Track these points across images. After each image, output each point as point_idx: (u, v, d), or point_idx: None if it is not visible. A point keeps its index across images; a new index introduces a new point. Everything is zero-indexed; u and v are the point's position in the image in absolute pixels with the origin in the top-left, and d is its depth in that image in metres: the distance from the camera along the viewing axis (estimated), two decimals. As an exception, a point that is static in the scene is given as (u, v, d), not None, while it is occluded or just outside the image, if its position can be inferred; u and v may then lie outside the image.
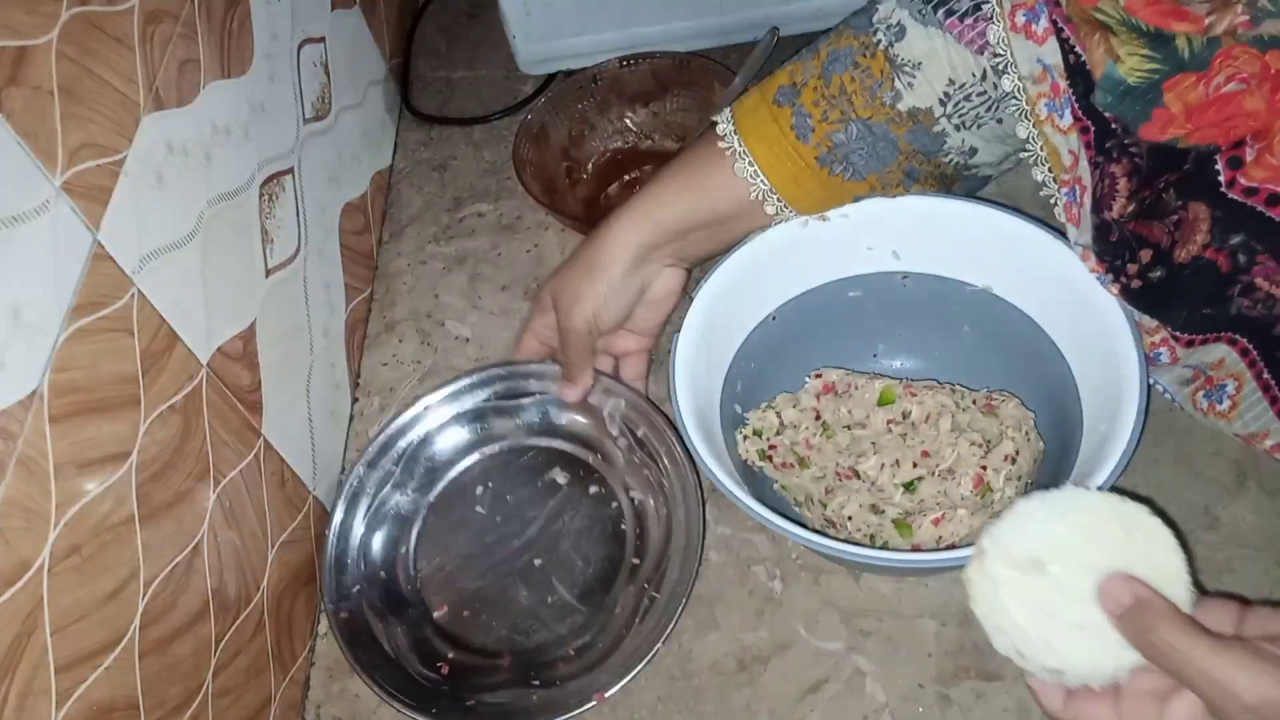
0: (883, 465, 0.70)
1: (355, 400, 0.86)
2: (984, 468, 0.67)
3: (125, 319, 0.54)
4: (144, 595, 0.54)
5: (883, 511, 0.68)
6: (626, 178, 0.97)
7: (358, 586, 0.74)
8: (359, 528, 0.76)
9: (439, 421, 0.79)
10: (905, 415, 0.71)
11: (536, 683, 0.69)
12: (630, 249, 0.69)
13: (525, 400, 0.79)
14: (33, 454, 0.46)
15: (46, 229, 0.48)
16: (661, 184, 0.70)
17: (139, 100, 0.57)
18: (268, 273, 0.72)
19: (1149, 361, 0.61)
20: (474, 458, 0.79)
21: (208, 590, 0.60)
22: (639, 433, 0.74)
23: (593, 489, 0.75)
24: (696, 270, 0.89)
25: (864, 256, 0.73)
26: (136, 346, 0.55)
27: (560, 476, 0.76)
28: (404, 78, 1.09)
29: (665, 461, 0.73)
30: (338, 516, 0.75)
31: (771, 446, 0.72)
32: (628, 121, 0.99)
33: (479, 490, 0.78)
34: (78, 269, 0.50)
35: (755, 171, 0.67)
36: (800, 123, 0.66)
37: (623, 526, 0.73)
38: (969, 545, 0.57)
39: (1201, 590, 0.47)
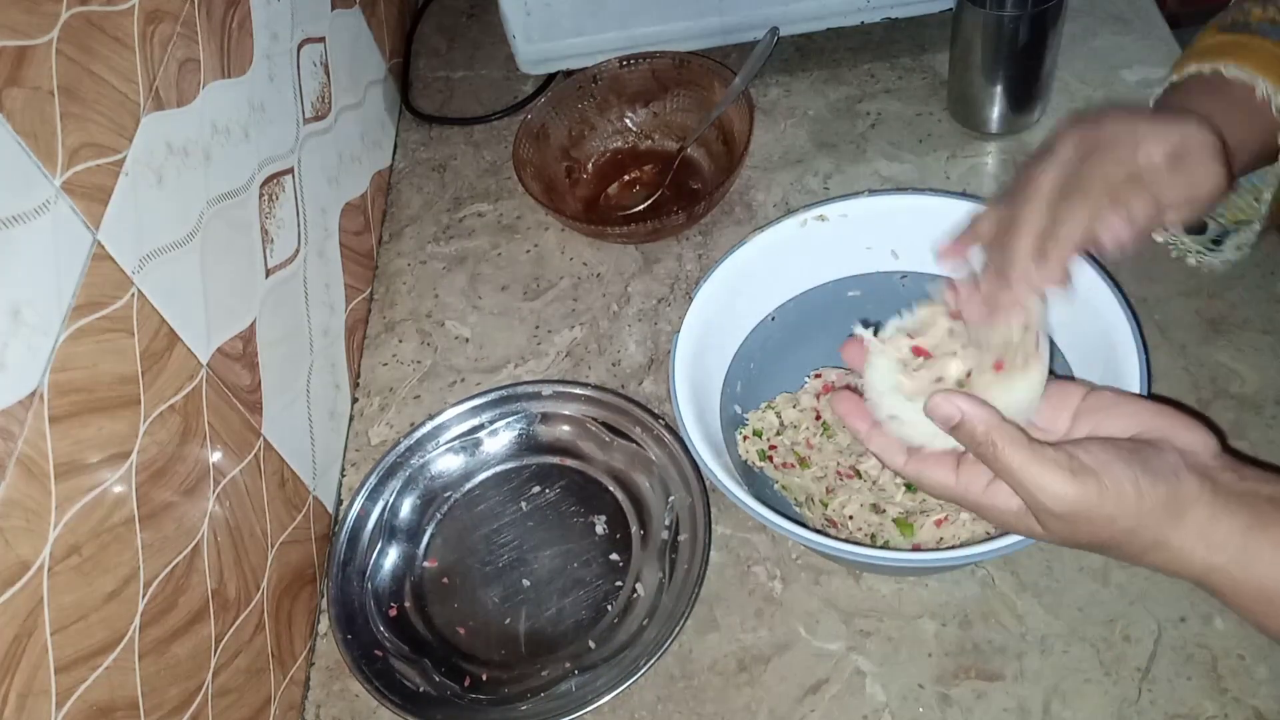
0: (884, 465, 0.70)
1: (355, 400, 0.86)
2: None
3: (125, 319, 0.54)
4: (144, 595, 0.54)
5: (884, 511, 0.68)
6: (626, 178, 0.97)
7: (363, 578, 0.75)
8: (386, 497, 0.78)
9: (549, 409, 0.80)
10: (905, 415, 0.71)
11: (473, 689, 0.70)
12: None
13: (624, 442, 0.78)
14: (33, 454, 0.46)
15: (46, 229, 0.48)
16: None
17: (139, 100, 0.57)
18: (268, 273, 0.72)
19: None
20: (553, 459, 0.79)
21: (208, 590, 0.60)
22: (681, 536, 0.73)
23: (614, 556, 0.74)
24: (696, 270, 0.89)
25: (863, 256, 0.73)
26: (136, 346, 0.55)
27: (600, 528, 0.75)
28: (404, 78, 1.09)
29: (678, 575, 0.71)
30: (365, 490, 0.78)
31: (772, 447, 0.72)
32: (628, 121, 0.99)
33: (535, 488, 0.78)
34: (78, 269, 0.50)
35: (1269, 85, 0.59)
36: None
37: (608, 608, 0.72)
38: (970, 546, 0.57)
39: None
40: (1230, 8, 0.66)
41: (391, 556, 0.76)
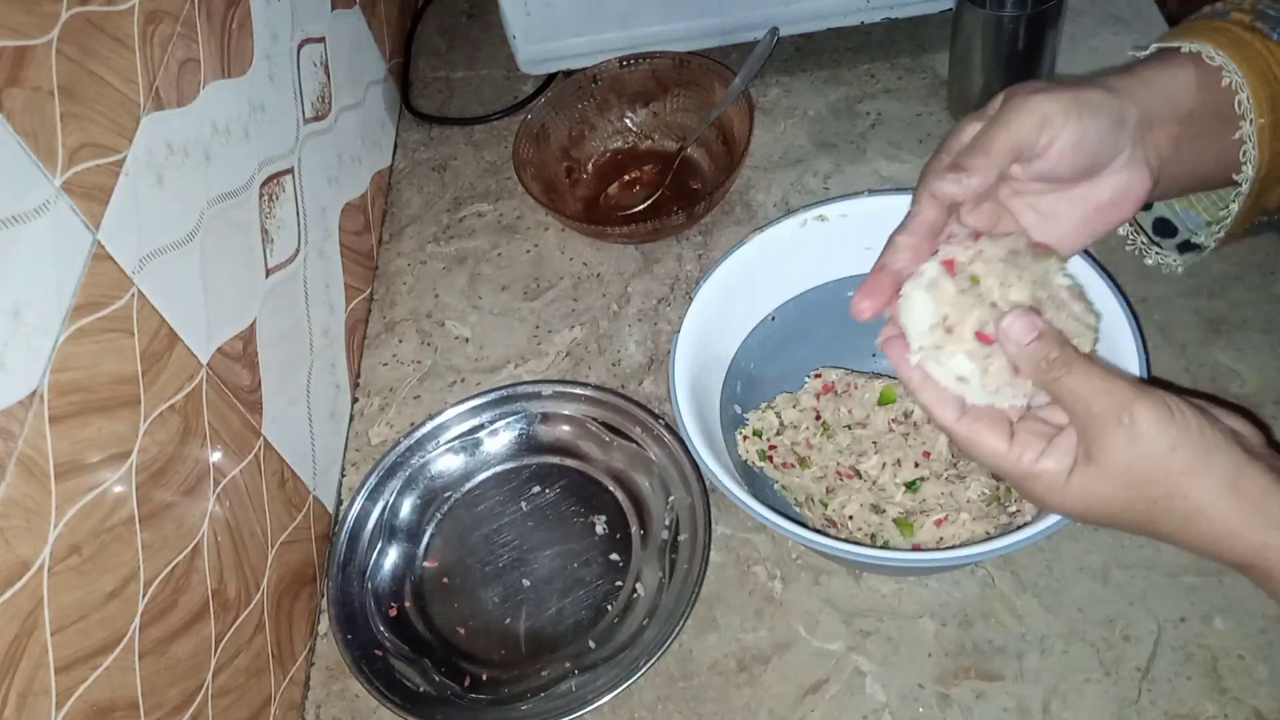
0: (884, 465, 0.70)
1: (355, 400, 0.86)
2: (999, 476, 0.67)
3: (125, 319, 0.54)
4: (144, 595, 0.54)
5: (884, 511, 0.68)
6: (626, 178, 0.97)
7: (362, 579, 0.75)
8: (386, 497, 0.78)
9: (549, 409, 0.80)
10: (907, 415, 0.71)
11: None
12: (1122, 105, 0.53)
13: (624, 442, 0.78)
14: (33, 454, 0.46)
15: (46, 229, 0.48)
16: (1109, 75, 0.55)
17: (139, 100, 0.57)
18: (268, 273, 0.72)
19: None
20: (553, 459, 0.79)
21: (208, 590, 0.60)
22: (681, 536, 0.73)
23: (614, 556, 0.74)
24: (696, 270, 0.89)
25: (863, 256, 0.72)
26: (136, 346, 0.55)
27: (600, 528, 0.75)
28: (404, 78, 1.10)
29: (678, 575, 0.71)
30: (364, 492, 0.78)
31: (772, 447, 0.72)
32: (628, 121, 0.99)
33: (535, 488, 0.78)
34: (78, 269, 0.50)
35: (1225, 59, 0.55)
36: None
37: (608, 608, 0.72)
38: (970, 546, 0.57)
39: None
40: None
41: (391, 556, 0.76)
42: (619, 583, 0.73)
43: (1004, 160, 0.51)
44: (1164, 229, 0.66)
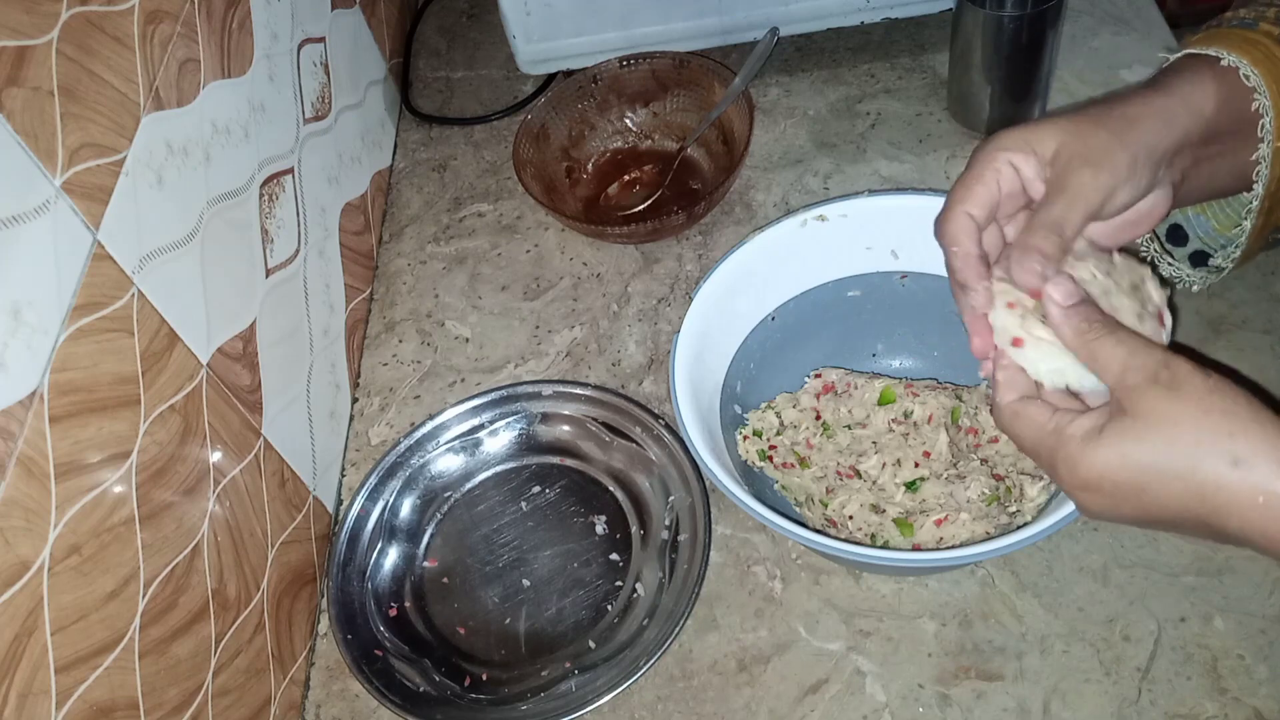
0: (884, 465, 0.70)
1: (355, 400, 0.86)
2: (999, 476, 0.67)
3: (125, 319, 0.54)
4: (144, 595, 0.54)
5: (884, 511, 0.68)
6: (626, 178, 0.97)
7: (362, 578, 0.75)
8: (386, 497, 0.78)
9: (549, 409, 0.80)
10: (907, 415, 0.71)
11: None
12: (1168, 136, 0.53)
13: (624, 442, 0.78)
14: (33, 454, 0.46)
15: (46, 229, 0.48)
16: (1153, 96, 0.55)
17: (139, 100, 0.57)
18: (268, 273, 0.72)
19: None
20: (553, 459, 0.79)
21: (208, 590, 0.60)
22: (681, 537, 0.73)
23: (614, 556, 0.74)
24: (696, 270, 0.89)
25: (863, 256, 0.73)
26: (136, 346, 0.55)
27: (600, 527, 0.75)
28: (404, 78, 1.10)
29: (678, 575, 0.71)
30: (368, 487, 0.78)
31: (772, 447, 0.72)
32: (628, 121, 0.99)
33: (535, 488, 0.78)
34: (78, 269, 0.50)
35: (1259, 80, 0.55)
36: None
37: (608, 608, 0.72)
38: (970, 546, 0.57)
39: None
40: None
41: (391, 556, 0.76)
42: (619, 583, 0.73)
43: (1078, 233, 0.52)
44: (1176, 236, 0.66)
